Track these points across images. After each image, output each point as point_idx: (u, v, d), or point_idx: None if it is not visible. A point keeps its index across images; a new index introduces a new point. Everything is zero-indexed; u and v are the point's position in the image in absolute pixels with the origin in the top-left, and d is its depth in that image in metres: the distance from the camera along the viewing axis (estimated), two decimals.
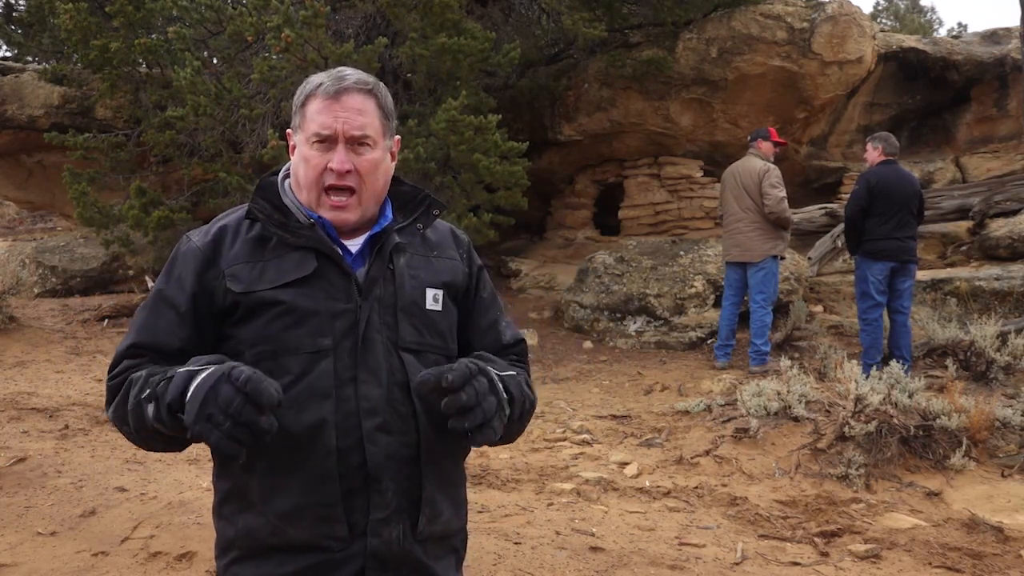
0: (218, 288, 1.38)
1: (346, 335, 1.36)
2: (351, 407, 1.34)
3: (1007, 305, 7.00)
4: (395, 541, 1.35)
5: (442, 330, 1.47)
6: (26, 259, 9.61)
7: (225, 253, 1.40)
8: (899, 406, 4.26)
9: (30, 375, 6.02)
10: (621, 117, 9.47)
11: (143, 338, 1.38)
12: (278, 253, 1.39)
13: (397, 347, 1.39)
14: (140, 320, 1.41)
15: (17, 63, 10.66)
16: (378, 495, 1.34)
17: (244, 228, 1.42)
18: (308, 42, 6.36)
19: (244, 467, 1.32)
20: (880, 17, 23.21)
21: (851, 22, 8.81)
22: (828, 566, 3.20)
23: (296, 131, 1.45)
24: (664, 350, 7.29)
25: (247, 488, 1.34)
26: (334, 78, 1.43)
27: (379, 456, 1.34)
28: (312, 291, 1.37)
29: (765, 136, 6.55)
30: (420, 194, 1.54)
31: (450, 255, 1.53)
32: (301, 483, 1.32)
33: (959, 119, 10.62)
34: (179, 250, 1.44)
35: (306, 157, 1.41)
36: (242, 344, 1.36)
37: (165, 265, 1.45)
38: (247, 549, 1.36)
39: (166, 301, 1.39)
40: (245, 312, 1.36)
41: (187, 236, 1.46)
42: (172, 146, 7.53)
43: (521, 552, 3.14)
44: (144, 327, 1.39)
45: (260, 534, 1.34)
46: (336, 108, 1.40)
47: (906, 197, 5.86)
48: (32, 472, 3.87)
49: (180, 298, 1.38)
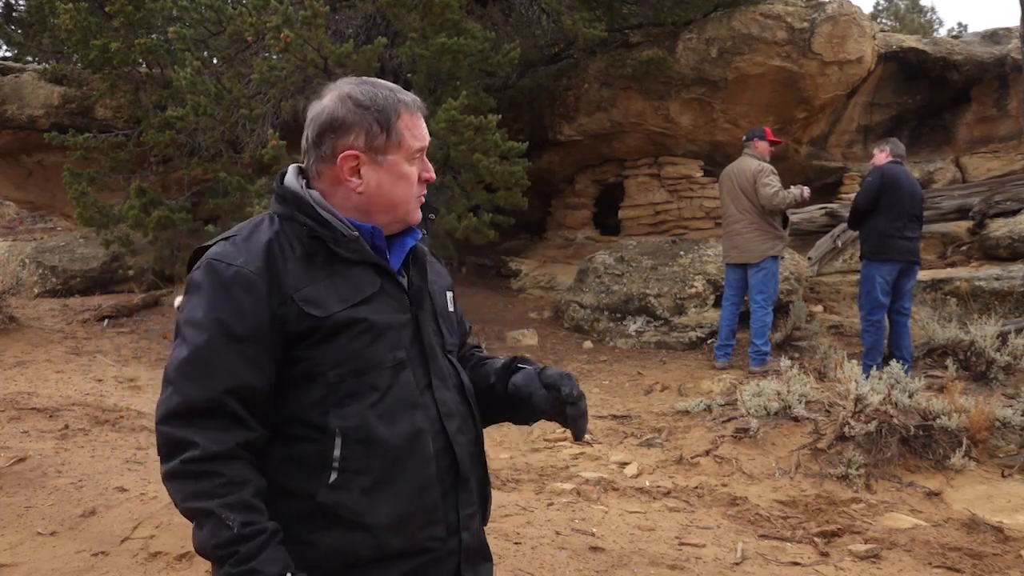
0: (289, 314, 1.31)
1: (412, 345, 1.41)
2: (433, 413, 1.41)
3: (1007, 305, 7.00)
4: (478, 532, 1.47)
5: (456, 329, 1.58)
6: (26, 259, 9.61)
7: (283, 276, 1.32)
8: (899, 406, 4.26)
9: (30, 375, 6.02)
10: (621, 117, 9.47)
11: (232, 382, 1.27)
12: (334, 270, 1.36)
13: (445, 351, 1.49)
14: (212, 360, 1.28)
15: (17, 63, 10.65)
16: (466, 493, 1.44)
17: (287, 246, 1.36)
18: (308, 42, 6.36)
19: (335, 486, 1.31)
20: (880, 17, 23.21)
21: (851, 22, 8.81)
22: (828, 566, 3.20)
23: (385, 151, 1.40)
24: (664, 350, 7.29)
25: (339, 506, 1.31)
26: (411, 96, 1.45)
27: (464, 456, 1.44)
28: (380, 306, 1.38)
29: (761, 136, 6.55)
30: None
31: (436, 259, 1.61)
32: (404, 492, 1.35)
33: (959, 119, 10.62)
34: (223, 277, 1.31)
35: (408, 174, 1.42)
36: (323, 366, 1.33)
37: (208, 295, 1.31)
38: (336, 566, 1.33)
39: (236, 337, 1.28)
40: (325, 334, 1.33)
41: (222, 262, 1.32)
42: (172, 146, 7.53)
43: (521, 552, 3.14)
44: (225, 369, 1.28)
45: (357, 549, 1.32)
46: (422, 123, 1.45)
47: (914, 198, 5.90)
48: (32, 472, 3.87)
49: (254, 331, 1.29)
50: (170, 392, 1.29)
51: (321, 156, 1.41)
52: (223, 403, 1.27)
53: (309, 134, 1.42)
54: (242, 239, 1.36)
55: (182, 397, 1.27)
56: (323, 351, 1.33)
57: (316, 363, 1.33)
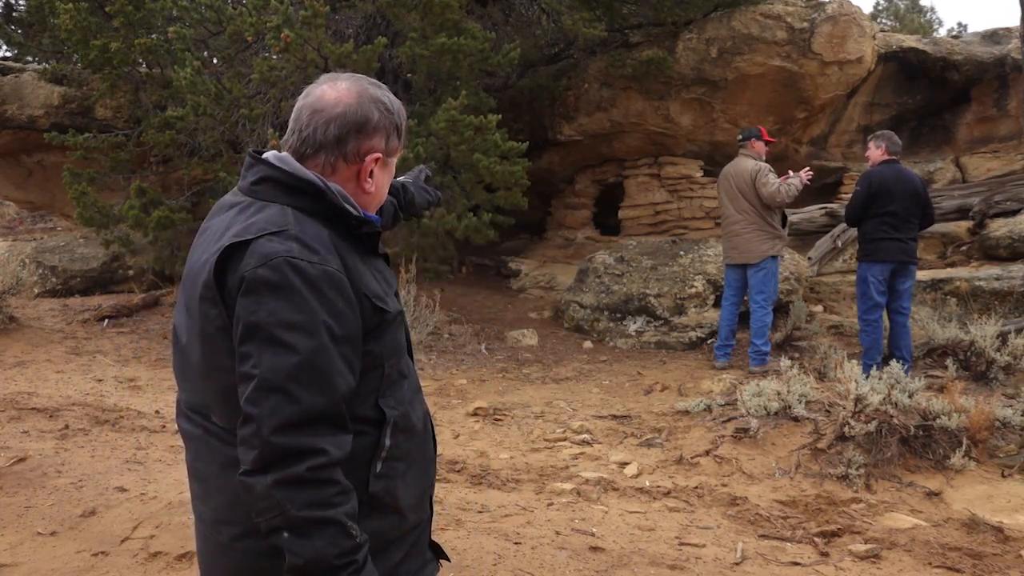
0: (364, 310, 1.32)
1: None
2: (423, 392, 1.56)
3: (1007, 305, 7.00)
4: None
5: None
6: (26, 259, 9.61)
7: (353, 272, 1.32)
8: (899, 406, 4.26)
9: (30, 375, 6.02)
10: (621, 117, 9.47)
11: (346, 385, 1.27)
12: (370, 263, 1.40)
13: None
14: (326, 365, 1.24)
15: (17, 63, 10.64)
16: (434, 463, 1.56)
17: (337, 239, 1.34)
18: (308, 42, 6.37)
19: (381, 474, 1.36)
20: (880, 17, 23.20)
21: (851, 22, 8.81)
22: (828, 566, 3.20)
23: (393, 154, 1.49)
24: (664, 350, 7.29)
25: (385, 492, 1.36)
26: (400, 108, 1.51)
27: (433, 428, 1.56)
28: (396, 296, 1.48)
29: (758, 136, 6.55)
30: None
31: None
32: (421, 471, 1.46)
33: (959, 119, 10.62)
34: (313, 276, 1.25)
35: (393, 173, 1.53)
36: (381, 358, 1.36)
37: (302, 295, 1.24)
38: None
39: (339, 339, 1.26)
40: (385, 327, 1.37)
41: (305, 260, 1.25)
42: (172, 146, 7.53)
43: (521, 552, 3.14)
44: (338, 373, 1.26)
45: (387, 532, 1.38)
46: None
47: (907, 197, 5.83)
48: (32, 472, 3.87)
49: (352, 332, 1.29)
50: (281, 400, 1.21)
51: (344, 154, 1.38)
52: (339, 408, 1.25)
53: (325, 128, 1.37)
54: (299, 233, 1.29)
55: (300, 404, 1.21)
56: (381, 344, 1.36)
57: (376, 356, 1.35)
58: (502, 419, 5.26)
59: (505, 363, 6.91)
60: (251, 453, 1.22)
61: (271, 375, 1.21)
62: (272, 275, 1.23)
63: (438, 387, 6.07)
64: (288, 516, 1.20)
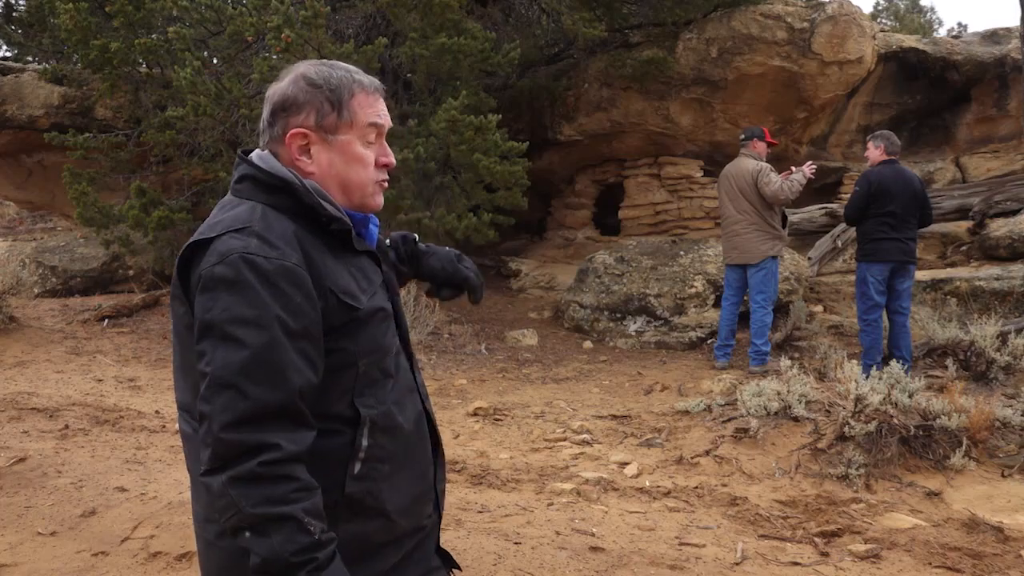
0: (329, 306, 1.29)
1: (396, 331, 1.45)
2: (422, 393, 1.48)
3: (1007, 305, 7.00)
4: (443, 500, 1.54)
5: None
6: (26, 259, 9.61)
7: (319, 267, 1.30)
8: (899, 406, 4.26)
9: (30, 375, 6.02)
10: (621, 117, 9.47)
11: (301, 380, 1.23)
12: (348, 259, 1.38)
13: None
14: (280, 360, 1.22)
15: (17, 63, 10.65)
16: (441, 468, 1.51)
17: (306, 235, 1.32)
18: (308, 42, 6.37)
19: (359, 476, 1.31)
20: (880, 17, 23.21)
21: (851, 22, 8.81)
22: (828, 566, 3.20)
23: (334, 131, 1.38)
24: (664, 350, 7.29)
25: (365, 495, 1.32)
26: (368, 77, 1.44)
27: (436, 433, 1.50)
28: (382, 293, 1.43)
29: (759, 135, 6.54)
30: None
31: None
32: (414, 475, 1.41)
33: (959, 119, 10.62)
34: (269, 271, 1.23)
35: (362, 156, 1.39)
36: (354, 356, 1.32)
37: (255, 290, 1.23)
38: (354, 554, 1.31)
39: (294, 334, 1.23)
40: (358, 324, 1.33)
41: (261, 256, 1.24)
42: (172, 146, 7.53)
43: (521, 552, 3.14)
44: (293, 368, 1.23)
45: (373, 536, 1.35)
46: (380, 104, 1.43)
47: (906, 197, 5.83)
48: (32, 472, 3.87)
49: (309, 327, 1.25)
50: (232, 396, 1.19)
51: (273, 136, 1.39)
52: (295, 404, 1.22)
53: (264, 115, 1.40)
54: (262, 230, 1.28)
55: (251, 400, 1.19)
56: (355, 341, 1.33)
57: (349, 353, 1.32)
58: (502, 419, 5.27)
59: (505, 363, 6.91)
60: (206, 452, 1.20)
61: (222, 371, 1.20)
62: (228, 272, 1.23)
63: (438, 387, 6.07)
64: (244, 514, 1.18)
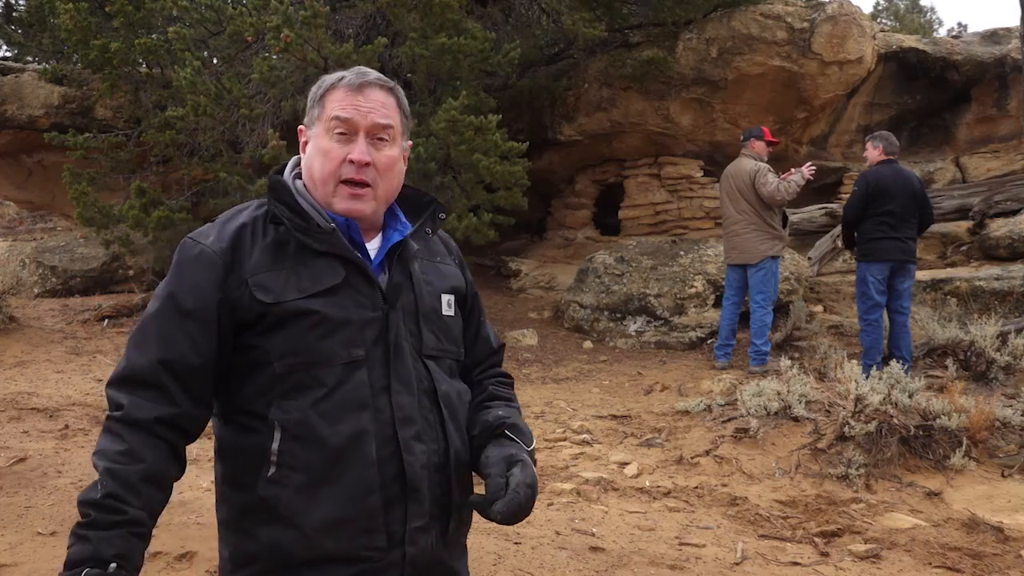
0: (242, 298, 1.31)
1: (376, 344, 1.35)
2: (387, 417, 1.33)
3: (1007, 305, 6.99)
4: (430, 548, 1.36)
5: (456, 336, 1.48)
6: (26, 259, 9.61)
7: (245, 259, 1.33)
8: (899, 406, 4.26)
9: (30, 375, 6.02)
10: (621, 117, 9.47)
11: (168, 354, 1.30)
12: (301, 259, 1.34)
13: (421, 354, 1.39)
14: (157, 331, 1.32)
15: (17, 63, 10.64)
16: (416, 504, 1.34)
17: (260, 231, 1.36)
18: (308, 42, 6.36)
19: (272, 480, 1.29)
20: (880, 17, 23.21)
21: (851, 22, 8.81)
22: (828, 566, 3.20)
23: (312, 124, 1.41)
24: (664, 350, 7.29)
25: (276, 501, 1.30)
26: (356, 73, 1.41)
27: (416, 465, 1.34)
28: (341, 300, 1.33)
29: (759, 135, 6.55)
30: (425, 197, 1.52)
31: (449, 262, 1.54)
32: (341, 495, 1.29)
33: (959, 119, 10.62)
34: (188, 255, 1.35)
35: (325, 149, 1.37)
36: (270, 355, 1.31)
37: (172, 270, 1.36)
38: (272, 563, 1.32)
39: (183, 312, 1.31)
40: (273, 322, 1.31)
41: (193, 240, 1.36)
42: (172, 146, 7.52)
43: (521, 552, 3.14)
44: (165, 340, 1.31)
45: (291, 548, 1.30)
46: (359, 100, 1.38)
47: (906, 197, 5.84)
48: (32, 472, 3.86)
49: (200, 309, 1.31)
50: (122, 356, 1.34)
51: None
52: (156, 373, 1.29)
53: None
54: (223, 220, 1.39)
55: (127, 362, 1.32)
56: (271, 340, 1.31)
57: (264, 352, 1.32)
58: None
59: (505, 363, 6.91)
60: None
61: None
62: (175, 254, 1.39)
63: None
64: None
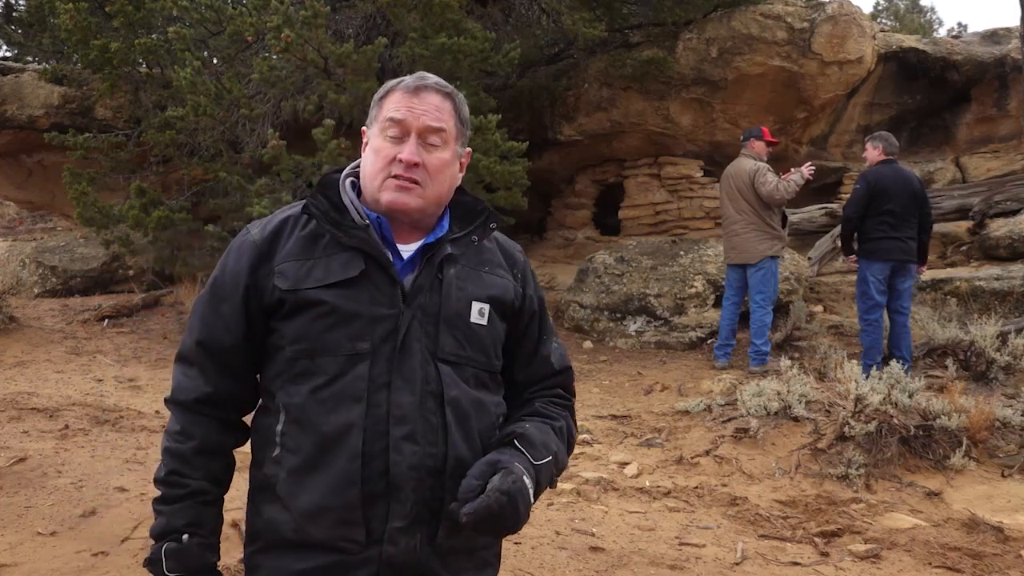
0: (267, 284, 1.39)
1: (385, 340, 1.35)
2: (381, 413, 1.33)
3: (1007, 305, 6.99)
4: (411, 550, 1.34)
5: (486, 345, 1.45)
6: (26, 259, 9.61)
7: (280, 249, 1.41)
8: (899, 406, 4.26)
9: (30, 375, 6.02)
10: (621, 117, 9.47)
11: (205, 335, 1.42)
12: (329, 252, 1.39)
13: (435, 357, 1.38)
14: (200, 312, 1.44)
15: (17, 63, 10.64)
16: (398, 504, 1.33)
17: (301, 224, 1.43)
18: (308, 42, 6.36)
19: (276, 460, 1.36)
20: (880, 17, 23.21)
21: (851, 22, 8.81)
22: (828, 566, 3.20)
23: (371, 126, 1.46)
24: (664, 350, 7.29)
25: (276, 481, 1.36)
26: (415, 77, 1.46)
27: (402, 465, 1.33)
28: (356, 293, 1.36)
29: (758, 135, 6.55)
30: (479, 206, 1.52)
31: (501, 273, 1.50)
32: (326, 484, 1.32)
33: (959, 119, 10.62)
34: (236, 243, 1.45)
35: (378, 148, 1.42)
36: (284, 340, 1.38)
37: (222, 256, 1.47)
38: (269, 541, 1.38)
39: (220, 295, 1.43)
40: (290, 309, 1.37)
41: (247, 228, 1.48)
42: (172, 146, 7.52)
43: (521, 552, 3.14)
44: (204, 322, 1.43)
45: (282, 528, 1.36)
46: (414, 103, 1.42)
47: (905, 197, 5.84)
48: (32, 472, 3.86)
49: (233, 293, 1.41)
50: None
51: None
52: (196, 353, 1.42)
53: None
54: (276, 213, 1.48)
55: (181, 343, 1.46)
56: (288, 326, 1.38)
57: (280, 336, 1.39)
58: None
59: None
60: None
61: None
62: None
63: None
64: None
